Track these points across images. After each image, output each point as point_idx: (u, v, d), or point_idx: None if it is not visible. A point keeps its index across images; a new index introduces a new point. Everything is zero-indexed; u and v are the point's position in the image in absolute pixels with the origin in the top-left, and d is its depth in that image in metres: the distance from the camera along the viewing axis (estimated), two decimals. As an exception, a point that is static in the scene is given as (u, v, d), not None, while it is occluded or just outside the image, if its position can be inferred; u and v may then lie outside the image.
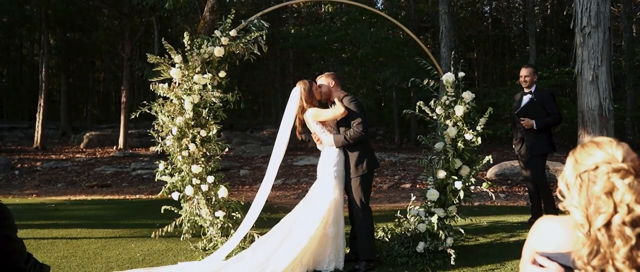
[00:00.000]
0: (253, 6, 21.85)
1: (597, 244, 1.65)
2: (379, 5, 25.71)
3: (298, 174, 11.63)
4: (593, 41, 5.18)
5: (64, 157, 15.25)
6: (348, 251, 4.64)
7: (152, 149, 17.95)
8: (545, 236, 1.80)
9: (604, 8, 5.20)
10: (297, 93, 4.48)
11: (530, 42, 17.03)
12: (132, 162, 13.58)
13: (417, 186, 9.80)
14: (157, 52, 15.15)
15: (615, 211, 1.66)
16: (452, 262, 4.26)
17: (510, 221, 6.11)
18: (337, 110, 4.37)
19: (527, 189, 6.15)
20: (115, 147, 17.43)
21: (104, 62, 27.18)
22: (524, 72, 5.70)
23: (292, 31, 19.12)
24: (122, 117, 17.21)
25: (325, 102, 4.62)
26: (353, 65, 20.20)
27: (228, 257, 4.58)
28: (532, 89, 5.68)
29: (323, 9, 25.69)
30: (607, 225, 1.65)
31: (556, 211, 5.59)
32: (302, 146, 17.35)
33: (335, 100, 4.43)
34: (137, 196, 9.06)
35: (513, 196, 8.41)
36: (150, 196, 8.92)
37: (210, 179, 4.88)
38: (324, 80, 4.56)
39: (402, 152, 16.62)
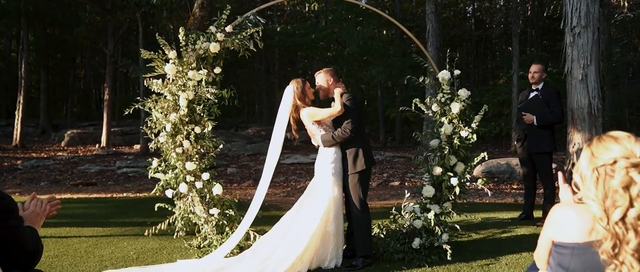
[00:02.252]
0: (237, 4, 21.68)
1: (617, 237, 1.68)
2: (362, 3, 25.76)
3: (286, 172, 11.62)
4: (583, 41, 5.29)
5: (45, 156, 14.95)
6: (345, 247, 4.65)
7: (136, 147, 17.80)
8: (562, 224, 1.83)
9: (593, 9, 5.32)
10: (290, 91, 4.48)
11: (513, 43, 17.28)
12: (117, 160, 13.39)
13: (406, 183, 9.88)
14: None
15: (631, 205, 1.69)
16: (449, 258, 4.30)
17: (501, 217, 6.20)
18: (333, 109, 4.38)
19: (524, 186, 6.25)
20: (97, 145, 17.14)
21: (85, 59, 26.69)
22: (534, 68, 5.77)
23: (278, 29, 19.06)
24: (104, 115, 16.94)
25: (323, 99, 4.63)
26: (338, 63, 20.22)
27: (226, 256, 4.55)
28: (540, 86, 5.74)
29: (307, 8, 25.66)
30: (623, 218, 1.69)
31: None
32: (288, 144, 17.32)
33: (335, 94, 4.43)
34: (125, 194, 8.94)
35: (500, 193, 8.53)
36: (137, 194, 8.81)
37: (206, 176, 4.84)
38: (322, 76, 4.56)
39: (387, 150, 16.70)
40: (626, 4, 20.88)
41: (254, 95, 28.26)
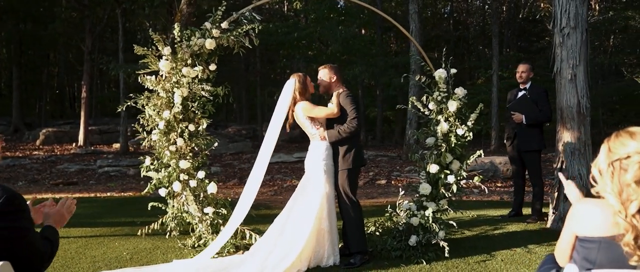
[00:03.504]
0: (215, 1, 21.40)
1: (637, 229, 1.73)
2: (340, 4, 25.77)
3: (271, 171, 11.55)
4: (572, 41, 5.39)
5: (21, 155, 14.51)
6: (341, 245, 4.66)
7: (115, 145, 17.43)
8: (585, 219, 1.86)
9: (581, 10, 5.43)
10: (291, 85, 4.46)
11: (493, 43, 17.59)
12: (97, 159, 13.10)
13: (392, 182, 9.94)
14: (122, 47, 14.64)
15: None
16: (446, 254, 4.35)
17: (490, 215, 6.30)
18: (330, 109, 4.38)
19: (513, 184, 6.38)
20: (74, 144, 16.72)
21: (59, 55, 25.98)
22: (521, 67, 5.90)
23: (260, 28, 18.90)
24: (82, 113, 16.53)
25: (322, 95, 4.62)
26: (319, 63, 20.23)
27: (220, 254, 4.51)
28: (528, 86, 5.87)
29: (286, 7, 25.55)
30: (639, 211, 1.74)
31: (541, 207, 5.82)
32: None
33: (333, 95, 4.44)
34: (109, 194, 8.75)
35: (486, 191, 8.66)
36: (122, 194, 8.63)
37: (201, 174, 4.78)
38: (326, 72, 4.55)
39: (369, 149, 16.79)
40: (597, 7, 21.51)
41: (233, 93, 28.01)
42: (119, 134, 15.59)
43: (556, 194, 5.49)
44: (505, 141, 6.26)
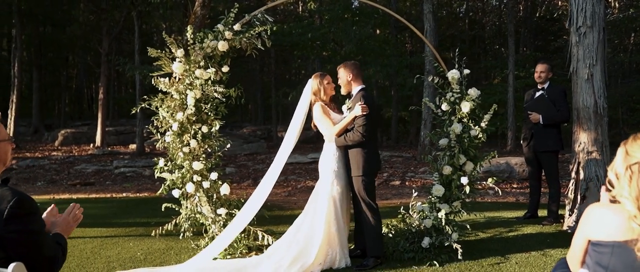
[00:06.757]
0: (229, 3, 21.51)
1: None
2: (355, 4, 25.71)
3: (285, 172, 11.56)
4: (588, 41, 5.30)
5: (40, 155, 14.77)
6: (352, 246, 4.65)
7: (132, 146, 17.64)
8: (599, 223, 1.83)
9: (598, 9, 5.33)
10: (309, 85, 4.54)
11: (508, 42, 17.38)
12: (114, 160, 13.28)
13: (407, 183, 9.88)
14: (138, 49, 14.82)
15: None
16: (460, 257, 4.31)
17: (506, 217, 6.22)
18: (329, 132, 4.36)
19: (529, 185, 6.30)
20: (92, 144, 16.98)
21: (77, 57, 26.40)
22: (540, 67, 5.82)
23: (274, 29, 18.97)
24: (99, 114, 16.77)
25: (345, 94, 4.62)
26: (334, 63, 20.21)
27: (232, 256, 4.54)
28: (546, 86, 5.79)
29: (300, 8, 25.59)
30: None
31: (558, 208, 5.73)
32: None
33: (355, 110, 4.37)
34: (124, 194, 8.86)
35: (501, 193, 8.54)
36: (137, 194, 8.73)
37: (214, 175, 4.81)
38: (342, 71, 4.55)
39: (383, 150, 16.71)
40: (617, 5, 21.11)
41: (248, 94, 28.14)
42: (135, 135, 15.78)
43: (573, 195, 5.40)
44: (521, 142, 6.17)
